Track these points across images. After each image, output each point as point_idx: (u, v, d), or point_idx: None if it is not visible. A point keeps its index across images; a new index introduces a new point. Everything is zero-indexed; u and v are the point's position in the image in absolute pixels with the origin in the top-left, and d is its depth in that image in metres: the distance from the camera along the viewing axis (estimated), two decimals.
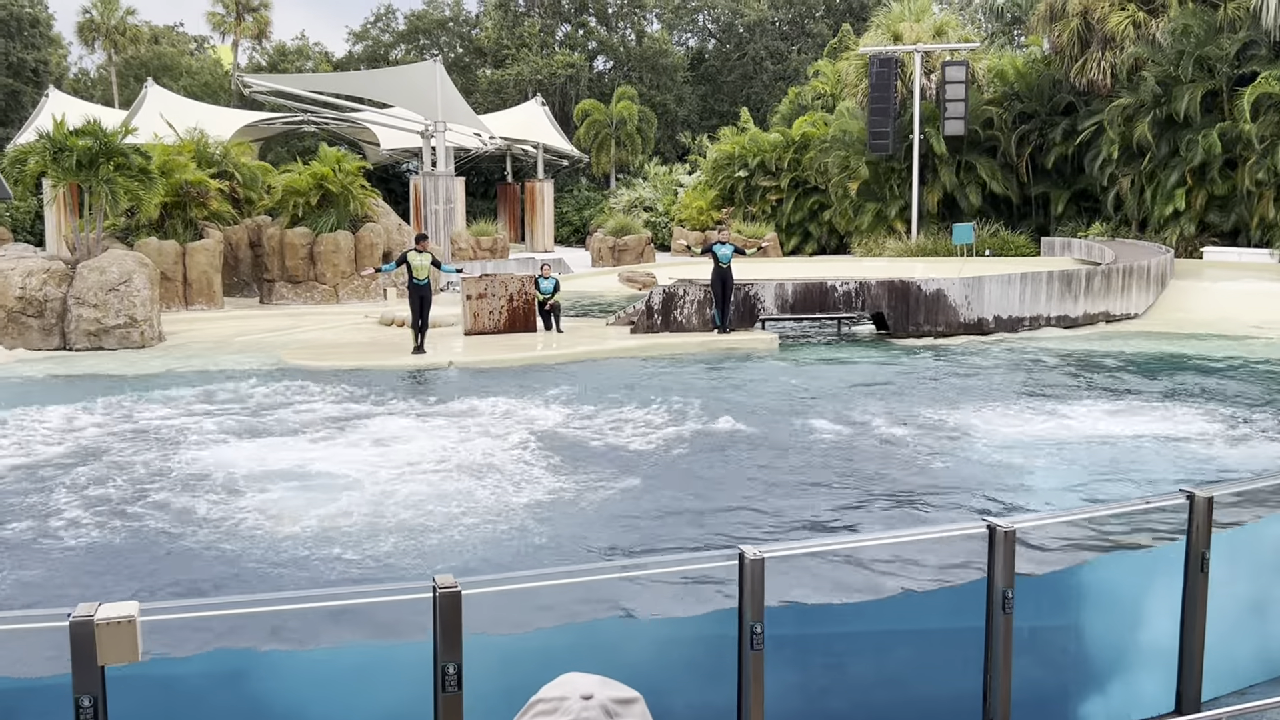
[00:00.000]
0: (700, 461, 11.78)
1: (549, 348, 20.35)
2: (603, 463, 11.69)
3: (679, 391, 16.02)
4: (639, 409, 14.47)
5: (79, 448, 12.61)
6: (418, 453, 12.10)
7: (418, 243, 19.93)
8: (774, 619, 5.16)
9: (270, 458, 11.90)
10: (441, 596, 4.49)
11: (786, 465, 11.63)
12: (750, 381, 17.04)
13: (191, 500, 10.31)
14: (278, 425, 13.68)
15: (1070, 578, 6.46)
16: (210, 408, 14.98)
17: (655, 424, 13.62)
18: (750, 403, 15.10)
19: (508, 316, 21.73)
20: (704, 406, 14.70)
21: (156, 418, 14.26)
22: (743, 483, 10.93)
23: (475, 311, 21.61)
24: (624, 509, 10.10)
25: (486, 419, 13.92)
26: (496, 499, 10.28)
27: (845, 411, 14.36)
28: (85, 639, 4.02)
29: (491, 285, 21.75)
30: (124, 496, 10.53)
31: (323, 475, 11.16)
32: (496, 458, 11.84)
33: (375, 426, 13.59)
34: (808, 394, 15.76)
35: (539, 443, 12.58)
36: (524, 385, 16.50)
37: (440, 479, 10.99)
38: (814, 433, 13.17)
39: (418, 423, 13.76)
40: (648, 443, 12.69)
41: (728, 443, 12.68)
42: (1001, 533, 5.64)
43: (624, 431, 13.29)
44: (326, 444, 12.63)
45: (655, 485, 10.89)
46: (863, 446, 12.43)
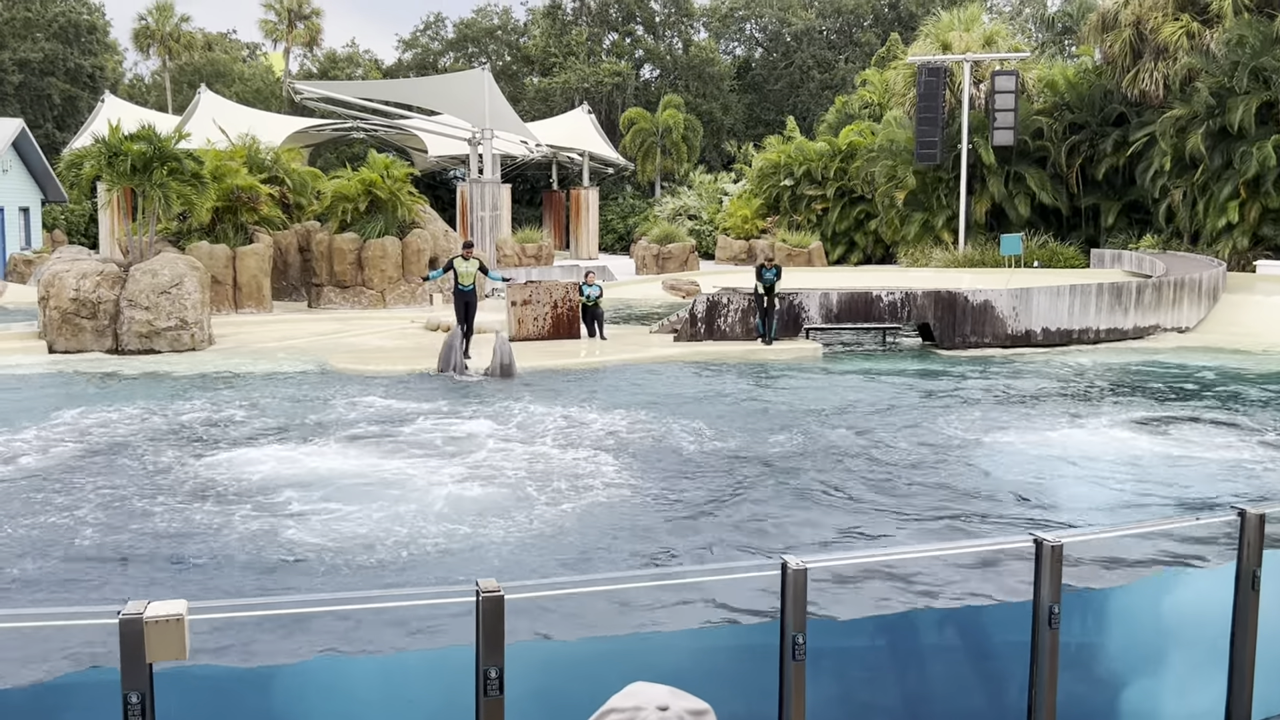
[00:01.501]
0: (740, 471, 11.75)
1: (592, 354, 20.36)
2: (644, 469, 11.69)
3: (721, 400, 16.01)
4: (680, 417, 14.46)
5: (116, 446, 12.77)
6: (460, 458, 12.16)
7: (464, 250, 20.05)
8: (816, 630, 5.13)
9: (313, 463, 12.01)
10: (485, 600, 4.51)
11: (826, 477, 11.58)
12: (793, 391, 16.99)
13: (233, 506, 10.41)
14: (320, 431, 13.79)
15: (1118, 594, 6.38)
16: (258, 411, 15.13)
17: (695, 433, 13.60)
18: (792, 413, 15.04)
19: (552, 323, 21.81)
20: (745, 416, 14.67)
21: (199, 421, 14.42)
22: (783, 493, 10.88)
23: (520, 318, 21.71)
24: (666, 515, 10.10)
25: (530, 425, 13.97)
26: (537, 505, 10.30)
27: (887, 423, 14.28)
28: (134, 636, 4.08)
29: (536, 292, 21.86)
30: (173, 501, 10.66)
31: (366, 481, 11.24)
32: (539, 465, 11.86)
33: (419, 432, 13.67)
34: (850, 405, 15.70)
35: (580, 449, 12.60)
36: (567, 391, 16.54)
37: (483, 486, 11.03)
38: (855, 444, 13.10)
39: (462, 428, 13.83)
40: (688, 451, 12.67)
41: (767, 452, 12.64)
42: (1049, 547, 5.59)
43: (663, 439, 13.28)
44: (368, 450, 12.71)
45: (695, 493, 10.87)
46: (905, 459, 12.35)
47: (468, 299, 19.61)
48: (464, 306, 19.59)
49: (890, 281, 29.48)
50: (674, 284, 34.11)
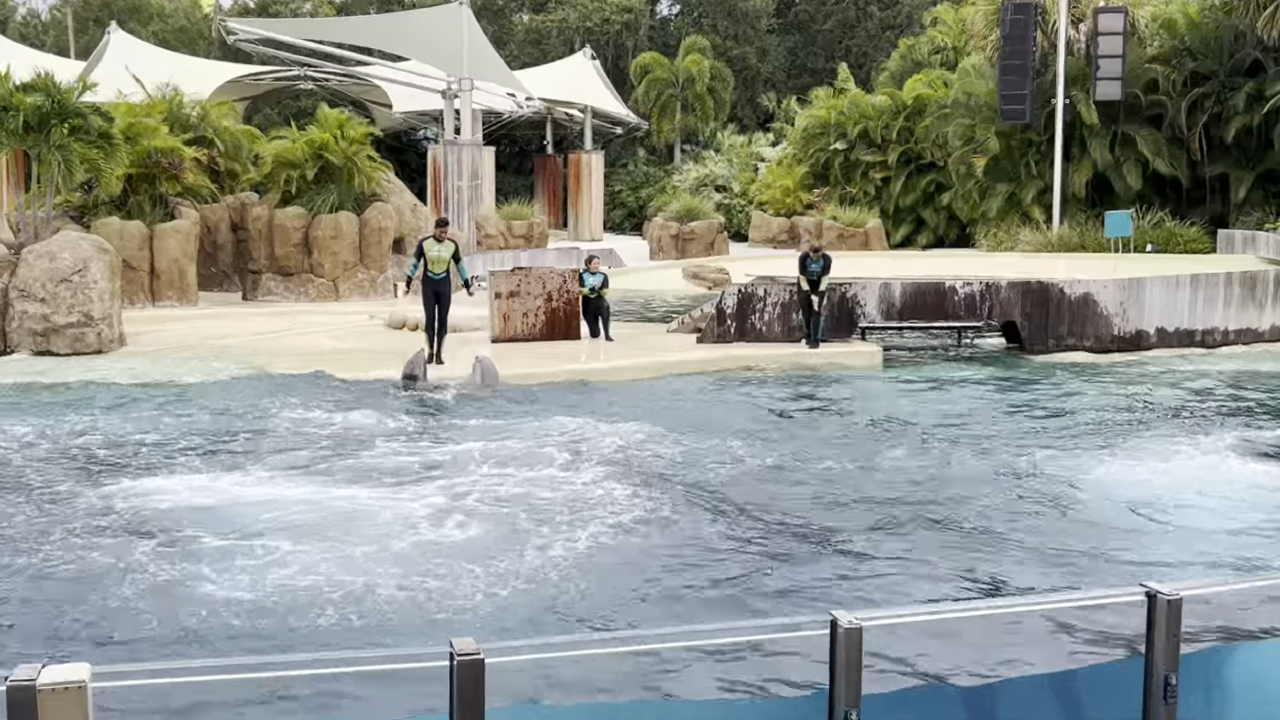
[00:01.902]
0: (778, 507, 11.75)
1: (595, 359, 20.35)
2: (661, 505, 11.69)
3: (755, 417, 16.01)
4: (705, 438, 14.47)
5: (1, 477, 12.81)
6: (431, 490, 12.19)
7: (437, 228, 20.05)
8: (874, 706, 5.13)
9: (244, 495, 12.03)
10: (460, 665, 4.52)
11: (888, 514, 11.57)
12: (846, 408, 16.98)
13: (137, 549, 10.36)
14: (255, 454, 13.83)
15: (1244, 655, 6.36)
16: (178, 429, 15.19)
17: (724, 459, 13.62)
18: (843, 435, 15.05)
19: (545, 320, 21.84)
20: (784, 439, 14.67)
21: (102, 442, 14.48)
22: (833, 535, 10.88)
23: (505, 313, 21.75)
24: (688, 560, 10.10)
25: (512, 449, 13.99)
26: (527, 549, 10.31)
27: (961, 447, 14.28)
28: (26, 706, 4.09)
29: (526, 281, 21.88)
30: (62, 541, 10.69)
31: (312, 518, 11.26)
32: (529, 499, 11.88)
33: (379, 456, 13.71)
34: (916, 425, 15.70)
35: (580, 478, 12.63)
36: (563, 405, 16.57)
37: (459, 524, 11.07)
38: (919, 474, 13.09)
39: (433, 452, 13.87)
40: (715, 483, 12.68)
41: (811, 482, 12.64)
42: (1164, 601, 5.57)
43: (684, 467, 13.29)
44: (315, 479, 12.74)
45: (725, 532, 10.88)
46: (985, 492, 12.33)
47: (439, 289, 19.59)
48: (434, 299, 19.58)
49: (967, 269, 29.43)
50: (697, 272, 34.11)
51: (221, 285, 29.24)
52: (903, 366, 20.83)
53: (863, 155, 45.53)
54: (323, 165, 27.86)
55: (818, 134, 47.08)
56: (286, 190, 27.74)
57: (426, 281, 19.60)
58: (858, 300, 22.03)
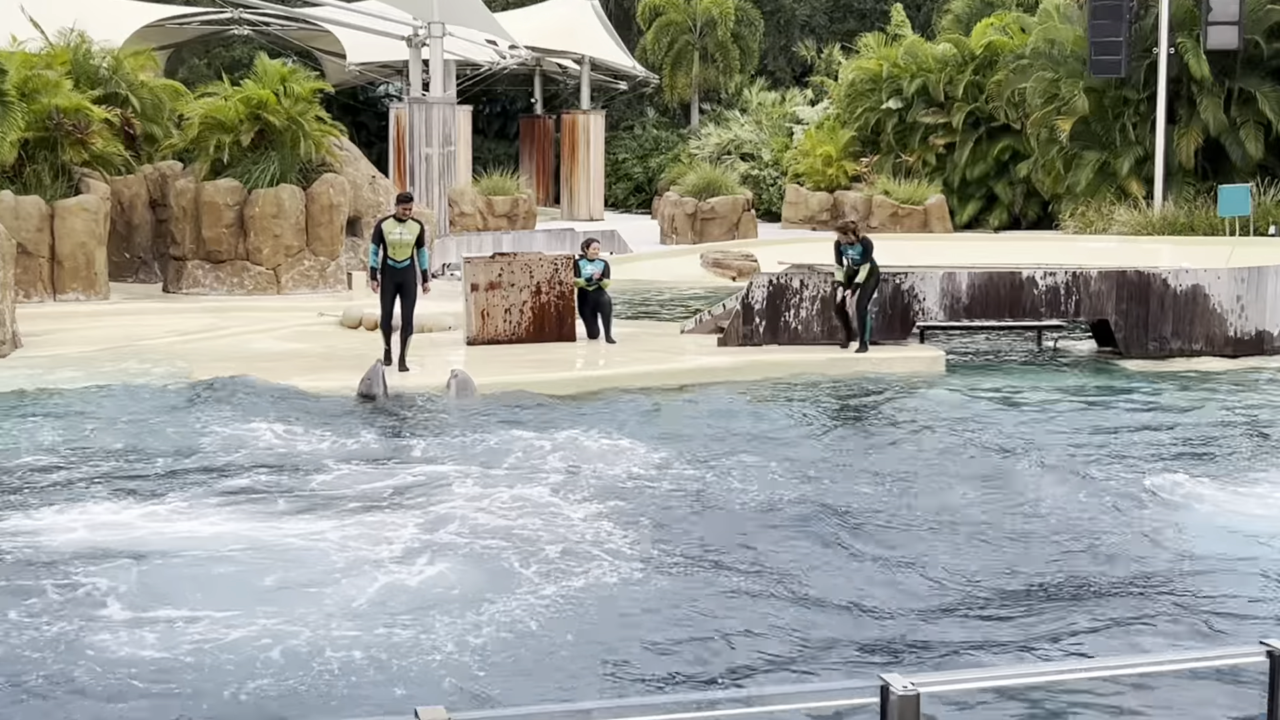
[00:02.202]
0: (831, 551, 11.71)
1: (593, 366, 20.34)
2: (673, 548, 11.70)
3: (786, 437, 15.92)
4: (730, 464, 14.46)
5: None
6: (395, 524, 12.20)
7: (399, 205, 19.94)
8: None
9: (160, 532, 11.97)
10: None
11: (957, 558, 11.55)
12: (905, 426, 16.92)
13: (24, 596, 10.31)
14: (176, 481, 13.79)
15: None
16: (80, 451, 15.14)
17: (749, 489, 13.61)
18: (905, 463, 14.99)
19: (533, 317, 21.83)
20: (823, 465, 14.62)
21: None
22: (888, 584, 10.86)
23: (484, 309, 21.74)
24: (703, 615, 10.09)
25: (493, 475, 13.97)
26: (510, 596, 10.30)
27: (1048, 477, 14.22)
28: None
29: (509, 270, 21.86)
30: None
31: (247, 560, 11.23)
32: (512, 535, 11.89)
33: (331, 484, 13.72)
34: (987, 447, 15.66)
35: (574, 509, 12.64)
36: (554, 422, 16.53)
37: (429, 564, 11.08)
38: (989, 509, 13.05)
39: (388, 478, 13.87)
40: (742, 520, 12.67)
41: (855, 519, 12.63)
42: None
43: (707, 502, 13.28)
44: (252, 511, 12.72)
45: (755, 584, 10.85)
46: (1068, 533, 12.29)
47: (401, 280, 19.52)
48: (393, 291, 19.50)
49: (1049, 256, 29.44)
50: (719, 259, 34.06)
51: (137, 274, 29.20)
52: (970, 375, 20.81)
53: (921, 116, 45.43)
54: (261, 128, 27.82)
55: (866, 90, 46.97)
56: (217, 159, 27.69)
57: (386, 271, 19.47)
58: (915, 294, 22.00)
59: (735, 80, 58.38)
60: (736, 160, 51.36)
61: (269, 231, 27.38)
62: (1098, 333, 23.05)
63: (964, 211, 44.34)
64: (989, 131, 44.44)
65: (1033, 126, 41.58)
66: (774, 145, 51.43)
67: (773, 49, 63.87)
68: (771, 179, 50.32)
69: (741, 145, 52.43)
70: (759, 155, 51.69)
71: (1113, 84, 39.27)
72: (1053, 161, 40.98)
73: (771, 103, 54.66)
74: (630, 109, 61.83)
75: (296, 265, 27.67)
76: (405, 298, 19.50)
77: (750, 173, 50.50)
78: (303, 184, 27.86)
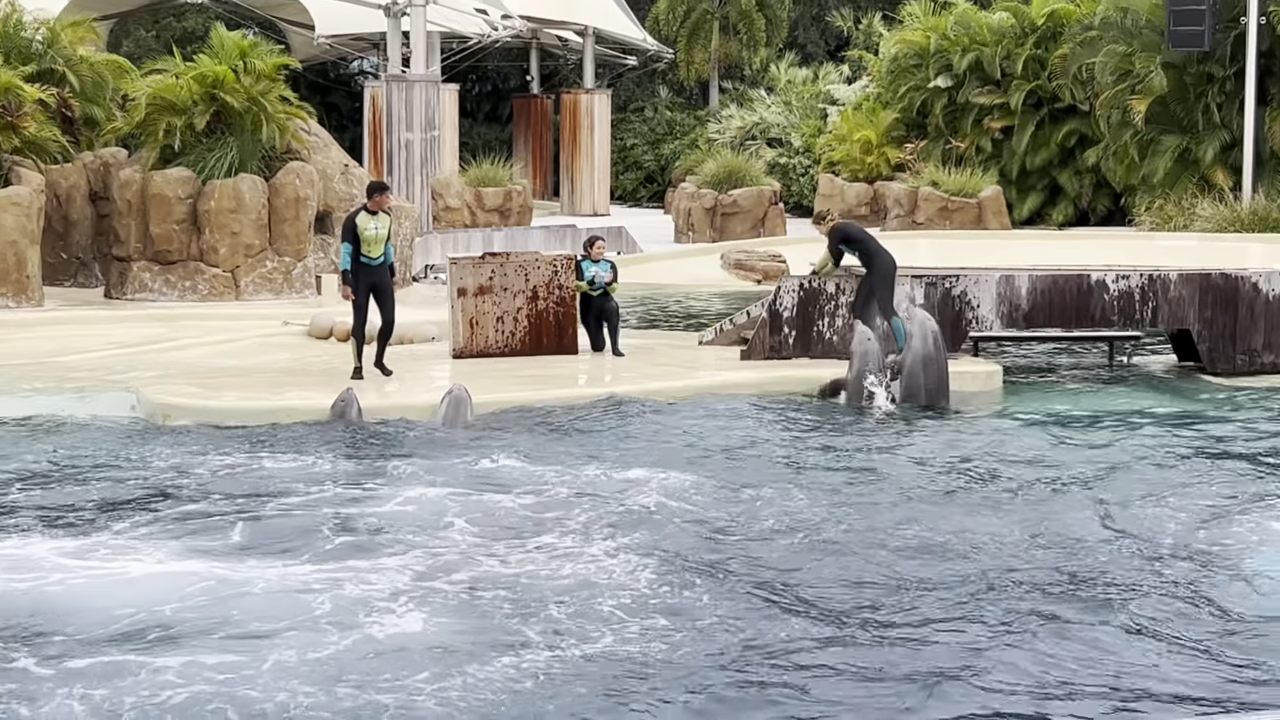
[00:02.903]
0: (851, 603, 11.57)
1: (599, 382, 20.28)
2: (699, 593, 11.56)
3: (831, 477, 15.72)
4: (757, 509, 14.31)
5: None
6: (371, 568, 12.07)
7: (371, 197, 20.06)
8: None
9: (97, 574, 11.85)
10: None
11: (1012, 646, 11.30)
12: (959, 458, 16.73)
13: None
14: (118, 512, 13.71)
15: None
16: (5, 483, 15.04)
17: (792, 529, 13.48)
18: (947, 496, 14.89)
19: (529, 327, 21.80)
20: (859, 504, 14.50)
21: None
22: (932, 647, 10.68)
23: (473, 317, 21.66)
24: (729, 677, 9.90)
25: (487, 507, 13.91)
26: (512, 653, 10.14)
27: (1117, 517, 14.10)
28: None
29: (502, 273, 21.77)
30: None
31: (198, 608, 11.09)
32: (505, 582, 11.77)
33: (296, 519, 13.59)
34: (1056, 484, 15.49)
35: (578, 554, 12.52)
36: (554, 446, 16.50)
37: (415, 611, 10.95)
38: (1074, 563, 12.84)
39: (367, 512, 13.75)
40: (780, 562, 12.54)
41: (896, 565, 12.46)
42: None
43: (731, 541, 13.17)
44: (205, 549, 12.60)
45: (781, 634, 10.69)
46: (1164, 590, 12.07)
47: (376, 281, 19.80)
48: (368, 293, 19.81)
49: (1122, 256, 29.29)
50: (742, 259, 34.00)
51: (75, 277, 29.16)
52: (1031, 393, 20.71)
53: (975, 96, 45.30)
54: (217, 110, 27.77)
55: (912, 67, 46.87)
56: (167, 145, 27.65)
57: (361, 271, 19.74)
58: (967, 300, 21.85)
59: (760, 55, 58.37)
60: (762, 146, 51.36)
61: (226, 228, 27.27)
62: (1177, 344, 22.96)
63: (1023, 205, 44.23)
64: (1052, 114, 44.33)
65: (1102, 108, 41.48)
66: (805, 129, 51.38)
67: (803, 19, 63.89)
68: (802, 168, 50.29)
69: (768, 129, 52.40)
70: (788, 141, 51.66)
71: (1195, 59, 39.16)
72: (1125, 148, 40.86)
73: (802, 81, 54.62)
74: (640, 88, 61.84)
75: (258, 267, 27.56)
76: (383, 297, 19.90)
77: (778, 161, 50.49)
78: (265, 174, 27.81)
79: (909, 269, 22.33)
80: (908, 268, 22.42)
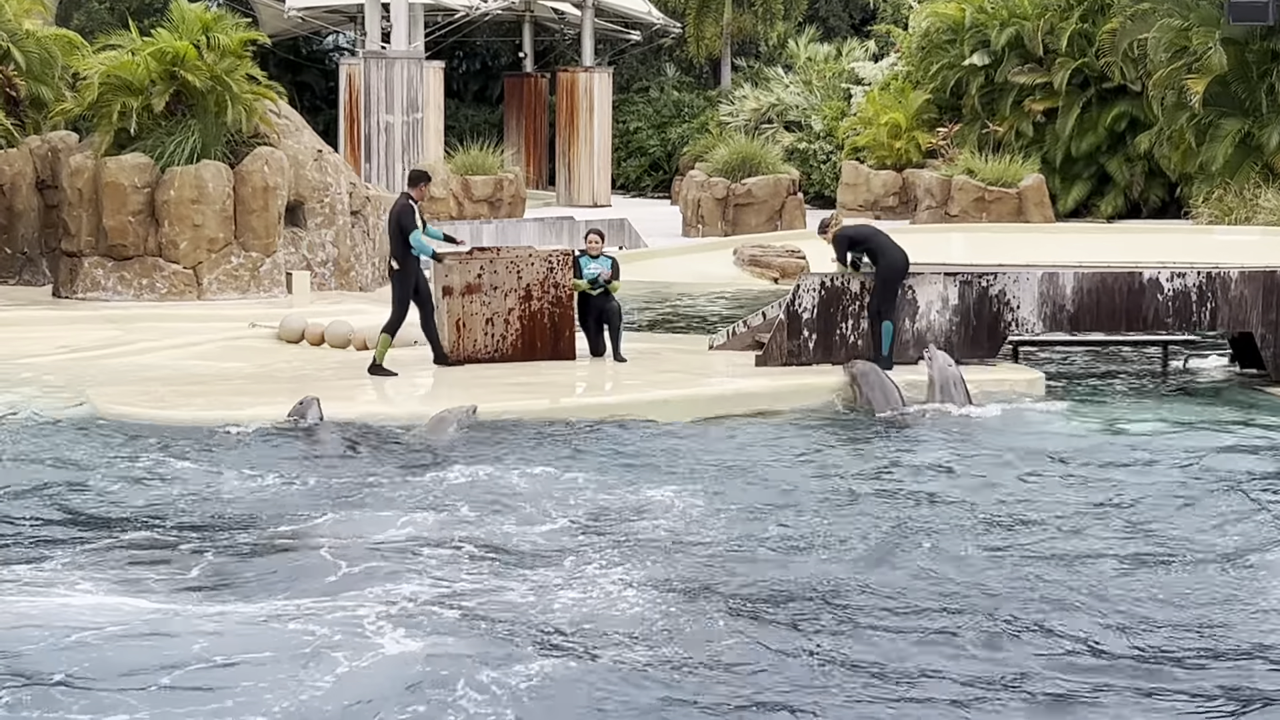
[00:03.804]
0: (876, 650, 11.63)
1: (599, 390, 20.35)
2: (714, 625, 11.65)
3: (859, 501, 15.68)
4: (775, 537, 14.31)
5: None
6: (345, 595, 12.12)
7: (417, 185, 21.11)
8: None
9: (36, 609, 11.73)
10: None
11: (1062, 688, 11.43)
12: (1000, 477, 16.72)
13: None
14: (61, 542, 13.64)
15: None
16: None
17: (811, 568, 13.47)
18: (984, 523, 14.88)
19: (521, 329, 21.79)
20: (882, 529, 14.52)
21: None
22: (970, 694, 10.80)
23: (460, 319, 21.65)
24: None
25: (473, 539, 13.84)
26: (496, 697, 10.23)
27: (1176, 549, 14.07)
28: None
29: (491, 270, 21.78)
30: None
31: (155, 642, 11.05)
32: (495, 610, 11.81)
33: (262, 542, 13.64)
34: (1106, 510, 15.43)
35: (575, 579, 12.58)
36: (546, 465, 16.46)
37: (404, 637, 11.00)
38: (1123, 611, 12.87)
39: (337, 538, 13.75)
40: (807, 606, 12.53)
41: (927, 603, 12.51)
42: None
43: (748, 569, 13.22)
44: (154, 580, 12.57)
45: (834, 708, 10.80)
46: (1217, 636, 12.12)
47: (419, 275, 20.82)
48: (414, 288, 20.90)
49: (1177, 252, 29.30)
50: (757, 255, 34.04)
51: (21, 275, 29.15)
52: (1078, 401, 20.73)
53: (1015, 75, 45.27)
54: (178, 90, 27.74)
55: (945, 43, 46.86)
56: (122, 129, 27.62)
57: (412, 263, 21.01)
58: (1006, 300, 21.90)
59: (778, 30, 58.22)
60: (779, 131, 51.25)
61: (187, 220, 27.23)
62: (1238, 349, 23.01)
63: (1068, 195, 44.19)
64: (1100, 94, 44.29)
65: (1155, 88, 41.44)
66: (827, 112, 51.29)
67: None
68: (824, 154, 50.21)
69: (786, 111, 52.31)
70: (808, 124, 51.56)
71: (1257, 34, 39.12)
72: (1181, 133, 40.82)
73: (824, 58, 54.50)
74: (645, 66, 61.73)
75: (222, 263, 27.53)
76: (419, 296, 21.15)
77: (797, 146, 50.41)
78: (230, 161, 27.77)
79: (941, 266, 22.33)
80: (940, 265, 22.45)
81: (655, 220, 42.90)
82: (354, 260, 28.85)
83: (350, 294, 28.08)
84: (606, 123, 51.76)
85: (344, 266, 28.67)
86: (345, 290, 28.35)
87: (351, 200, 29.03)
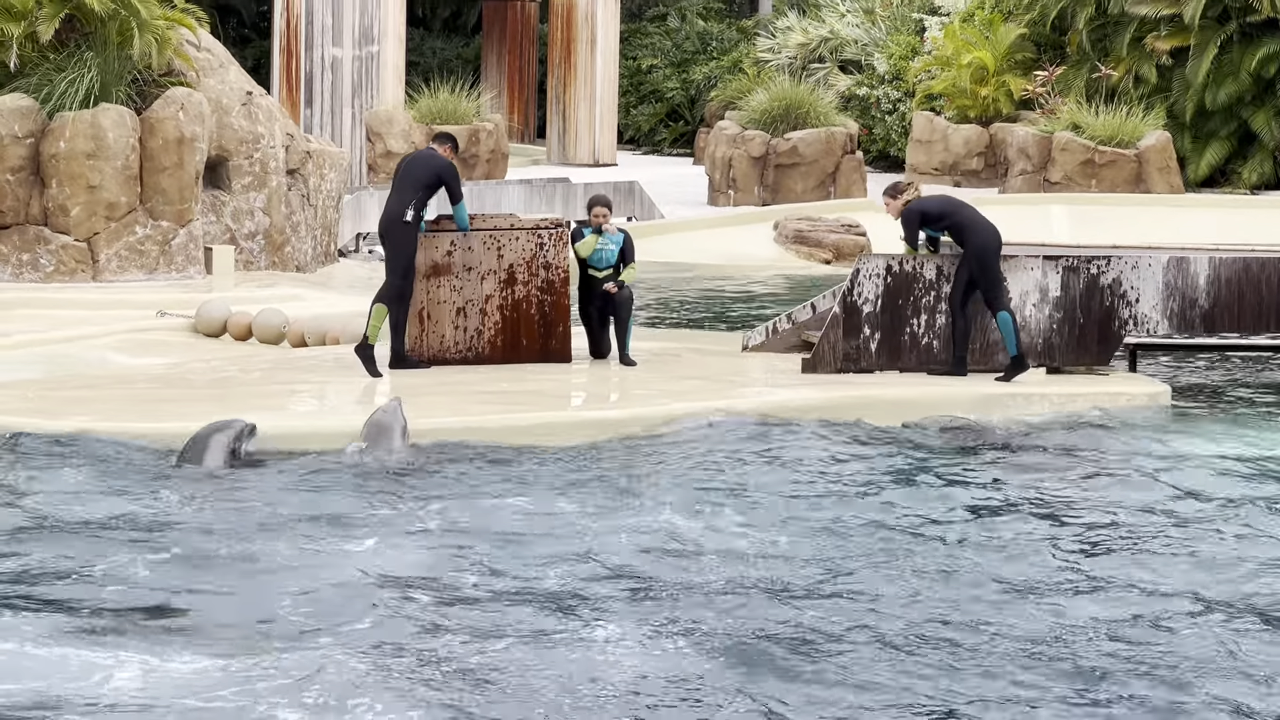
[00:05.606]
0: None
1: (604, 403, 20.44)
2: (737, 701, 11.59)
3: (933, 550, 15.71)
4: (829, 594, 14.29)
5: None
6: (279, 662, 11.99)
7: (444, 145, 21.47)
8: None
9: None
10: None
11: None
12: (1109, 528, 16.70)
13: None
14: None
15: None
16: None
17: (875, 637, 13.43)
18: (1105, 575, 14.86)
19: (502, 322, 21.89)
20: (973, 579, 14.52)
21: None
22: None
23: (424, 308, 21.71)
24: None
25: (434, 585, 13.90)
26: None
27: None
28: None
29: (464, 245, 21.90)
30: None
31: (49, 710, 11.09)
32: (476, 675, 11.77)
33: (177, 588, 13.59)
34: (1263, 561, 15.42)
35: (576, 636, 12.51)
36: (532, 496, 16.56)
37: None
38: None
39: (268, 582, 13.80)
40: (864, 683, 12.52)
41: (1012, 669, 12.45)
42: None
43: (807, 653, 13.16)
44: (46, 631, 12.52)
45: None
46: None
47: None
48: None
49: None
50: (804, 231, 34.17)
51: None
52: (1210, 418, 20.89)
53: (1135, 5, 45.37)
54: (70, 16, 27.88)
55: None
56: (0, 64, 27.73)
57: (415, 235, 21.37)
58: (1122, 292, 21.94)
59: None
60: (833, 72, 51.47)
61: (81, 180, 27.32)
62: None
63: (1201, 159, 44.28)
64: (1244, 30, 44.33)
65: None
66: (894, 49, 51.45)
67: None
68: (890, 103, 50.43)
69: (841, 48, 52.50)
70: (869, 65, 51.73)
71: None
72: None
73: None
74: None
75: (124, 235, 27.60)
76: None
77: (855, 92, 50.66)
78: (136, 105, 27.89)
79: (1039, 248, 22.37)
80: (1037, 246, 22.48)
81: (674, 184, 43.12)
82: (290, 232, 28.91)
83: (284, 275, 28.20)
84: (613, 59, 51.92)
85: (277, 240, 28.73)
86: (278, 270, 28.48)
87: (288, 157, 29.11)
